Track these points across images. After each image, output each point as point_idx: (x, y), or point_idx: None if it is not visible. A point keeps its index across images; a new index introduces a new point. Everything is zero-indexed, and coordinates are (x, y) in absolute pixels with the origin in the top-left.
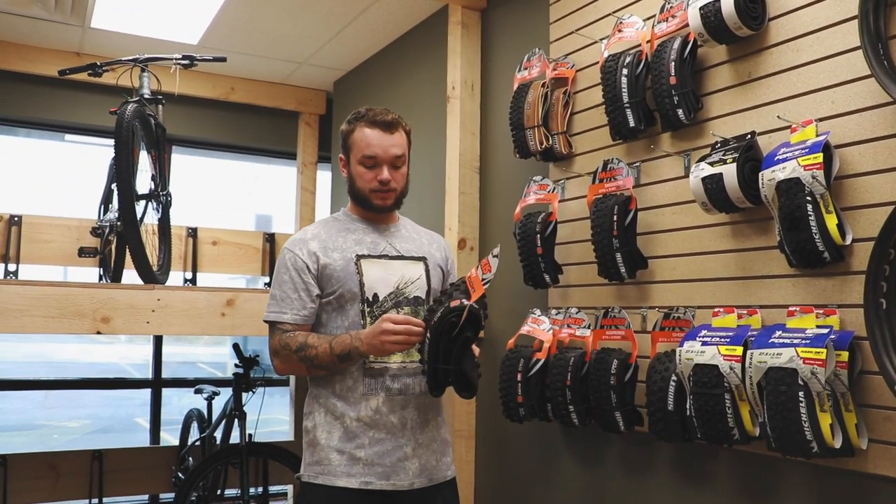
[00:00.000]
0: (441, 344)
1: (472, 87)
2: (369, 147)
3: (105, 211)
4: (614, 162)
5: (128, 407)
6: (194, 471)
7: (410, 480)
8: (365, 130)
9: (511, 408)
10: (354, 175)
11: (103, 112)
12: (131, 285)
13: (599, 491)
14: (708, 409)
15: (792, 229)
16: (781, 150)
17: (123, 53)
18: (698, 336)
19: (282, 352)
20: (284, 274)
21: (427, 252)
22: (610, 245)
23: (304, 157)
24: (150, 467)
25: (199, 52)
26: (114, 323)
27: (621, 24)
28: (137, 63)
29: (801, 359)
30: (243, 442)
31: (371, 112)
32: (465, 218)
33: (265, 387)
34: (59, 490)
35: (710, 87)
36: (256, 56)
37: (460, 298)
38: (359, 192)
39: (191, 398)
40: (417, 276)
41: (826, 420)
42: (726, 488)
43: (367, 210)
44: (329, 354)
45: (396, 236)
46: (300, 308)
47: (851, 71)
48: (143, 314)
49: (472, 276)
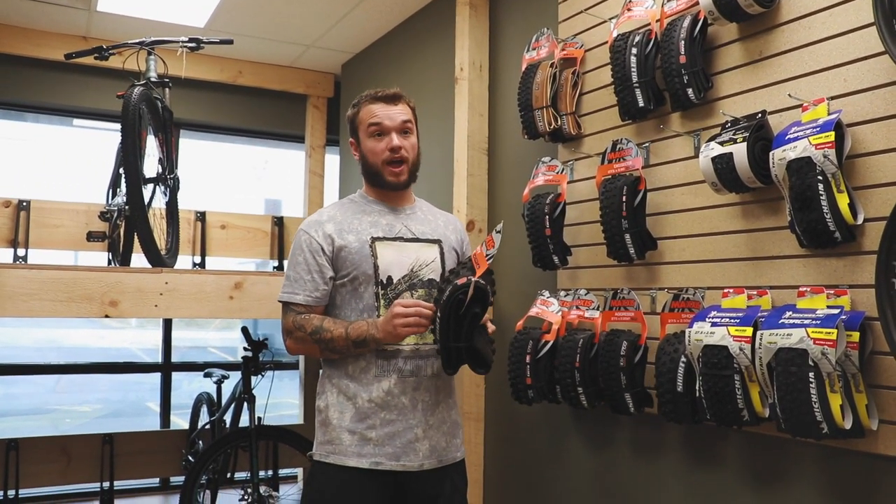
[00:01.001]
0: (451, 322)
1: (480, 69)
2: (374, 116)
3: (113, 195)
4: (623, 142)
5: (139, 391)
6: (204, 454)
7: (420, 462)
8: (369, 106)
9: (520, 390)
10: (365, 151)
11: (111, 96)
12: (139, 269)
13: (608, 473)
14: (717, 390)
15: (803, 209)
16: (792, 129)
17: (130, 37)
18: (708, 317)
19: (296, 332)
20: (299, 255)
21: (442, 234)
22: (619, 226)
23: (313, 141)
24: (161, 450)
25: (206, 35)
26: (122, 306)
27: (630, 3)
28: (144, 46)
29: (812, 339)
30: (252, 425)
31: (372, 91)
32: (473, 200)
33: (274, 370)
34: (70, 473)
35: (721, 65)
36: (264, 39)
37: (466, 276)
38: (371, 167)
39: (201, 382)
40: (432, 259)
41: (836, 401)
42: (735, 470)
43: (382, 188)
44: (345, 339)
45: (412, 218)
46: (313, 290)
47: (865, 48)
48: (152, 297)
49: (478, 252)
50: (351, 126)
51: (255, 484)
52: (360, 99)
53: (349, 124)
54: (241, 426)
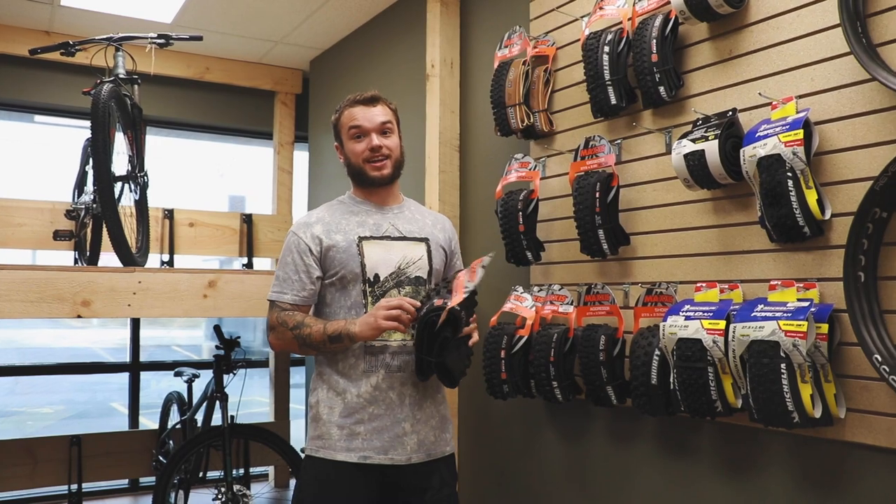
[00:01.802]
0: (424, 336)
1: (452, 66)
2: (354, 119)
3: (79, 193)
4: (596, 139)
5: (103, 392)
6: (176, 453)
7: (408, 455)
8: (349, 110)
9: (495, 385)
10: (348, 153)
11: (74, 92)
12: (112, 268)
13: (583, 465)
14: (691, 382)
15: (773, 205)
16: (762, 126)
17: (94, 32)
18: (681, 311)
19: (278, 328)
20: (288, 256)
21: (430, 233)
22: (592, 222)
23: (281, 137)
24: (130, 451)
25: (174, 31)
26: (94, 306)
27: (602, 1)
28: (112, 42)
29: (783, 331)
30: (225, 424)
31: (352, 96)
32: (445, 196)
33: (246, 368)
34: (37, 476)
35: (692, 64)
36: (232, 35)
37: (444, 298)
38: (354, 167)
39: (169, 381)
40: (419, 257)
41: (807, 391)
42: (709, 459)
43: (367, 186)
44: (321, 334)
45: (399, 217)
46: (300, 289)
47: (831, 48)
48: (125, 297)
49: (460, 279)
50: (335, 131)
51: (228, 483)
52: (342, 104)
53: (333, 129)
54: (213, 425)
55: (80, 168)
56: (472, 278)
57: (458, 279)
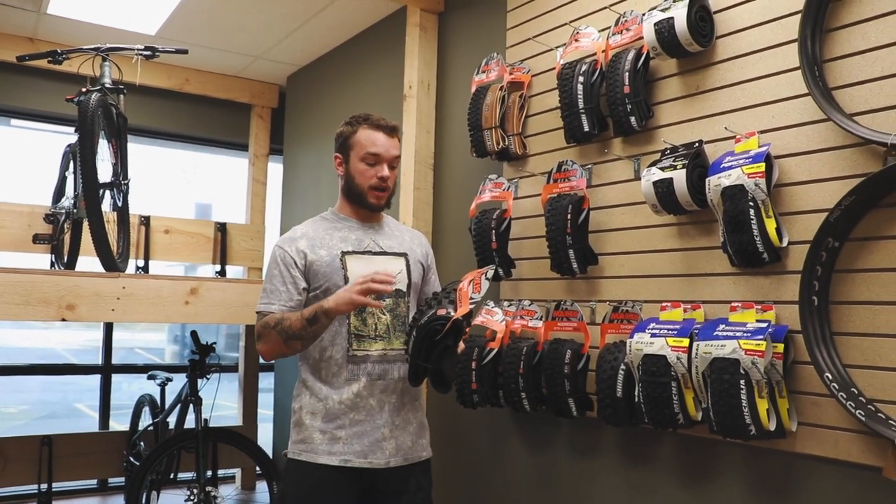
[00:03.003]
0: (424, 344)
1: (429, 87)
2: (374, 146)
3: (58, 198)
4: (568, 163)
5: (66, 392)
6: (150, 455)
7: (387, 459)
8: (370, 132)
9: (465, 394)
10: (354, 172)
11: (52, 98)
12: (96, 273)
13: (549, 472)
14: (655, 395)
15: (735, 231)
16: (726, 158)
17: (78, 41)
18: (647, 328)
19: (263, 332)
20: (274, 269)
21: (408, 248)
22: (563, 242)
23: (256, 149)
24: (101, 452)
25: (157, 43)
26: (79, 310)
27: (578, 34)
28: (99, 52)
29: (743, 350)
30: (199, 426)
31: (372, 117)
32: (419, 213)
33: (220, 373)
34: (7, 476)
35: (661, 97)
36: (212, 48)
37: (447, 308)
38: (356, 188)
39: (140, 384)
40: (399, 271)
41: (763, 406)
42: (669, 469)
43: (361, 207)
44: (300, 320)
45: (380, 234)
46: (287, 299)
47: (791, 89)
48: (109, 302)
49: (463, 290)
50: (343, 142)
51: (201, 484)
52: (360, 119)
53: (341, 138)
54: (186, 428)
55: (60, 173)
56: (477, 290)
57: (460, 290)
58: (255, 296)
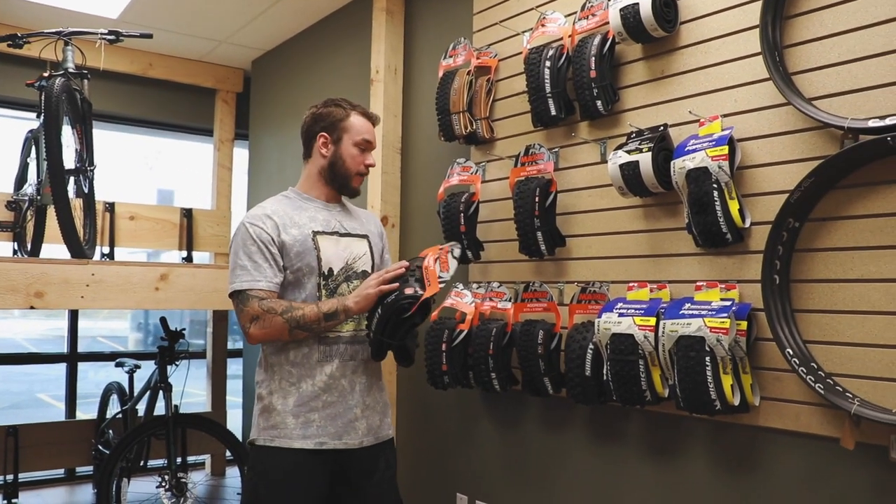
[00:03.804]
0: (389, 322)
1: (396, 72)
2: (368, 133)
3: (20, 185)
4: (536, 147)
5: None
6: (121, 442)
7: (360, 439)
8: (363, 119)
9: (436, 376)
10: (346, 156)
11: (11, 83)
12: (65, 260)
13: (519, 451)
14: (623, 373)
15: (700, 213)
16: (691, 141)
17: (38, 24)
18: (615, 308)
19: (265, 316)
20: (252, 245)
21: (368, 230)
22: (532, 224)
23: (221, 135)
24: (68, 441)
25: (119, 27)
26: (48, 297)
27: (544, 19)
28: (62, 36)
29: (708, 328)
30: (169, 413)
31: (359, 105)
32: (387, 196)
33: (189, 359)
34: None
35: (626, 81)
36: (176, 33)
37: (415, 287)
38: (345, 171)
39: (107, 372)
40: (363, 253)
41: (728, 381)
42: (637, 444)
43: (341, 191)
44: (316, 314)
45: (343, 215)
46: (272, 276)
47: (752, 74)
48: (78, 289)
49: (430, 269)
50: (332, 123)
51: (172, 471)
52: (348, 104)
53: (330, 118)
54: (157, 414)
55: (22, 160)
56: (445, 269)
57: (426, 269)
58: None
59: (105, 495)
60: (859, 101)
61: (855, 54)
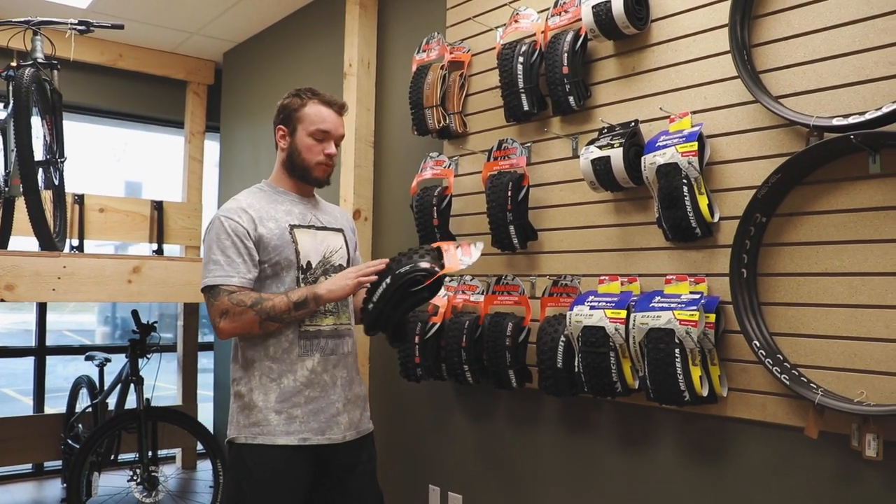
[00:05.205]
0: (398, 293)
1: (369, 66)
2: (324, 122)
3: None
4: (508, 142)
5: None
6: (92, 436)
7: (343, 434)
8: (320, 107)
9: (409, 368)
10: (301, 147)
11: None
12: (36, 253)
13: (491, 442)
14: (595, 365)
15: (669, 208)
16: (661, 137)
17: (5, 13)
18: (586, 301)
19: (234, 309)
20: (226, 240)
21: (342, 224)
22: (504, 218)
23: (192, 127)
24: (37, 435)
25: (89, 17)
26: (18, 290)
27: (517, 15)
28: (31, 26)
29: (678, 320)
30: (141, 406)
31: (321, 92)
32: (359, 189)
33: (160, 353)
34: None
35: (598, 77)
36: (147, 24)
37: (433, 263)
38: (303, 162)
39: (76, 366)
40: (339, 246)
41: (697, 373)
42: (608, 435)
43: (304, 182)
44: (286, 303)
45: (318, 209)
46: (246, 272)
47: (721, 71)
48: (50, 281)
49: (451, 252)
50: (287, 115)
51: (144, 464)
52: (309, 94)
53: (286, 110)
54: (128, 408)
55: None
56: (467, 254)
57: (446, 250)
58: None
59: (75, 490)
60: (824, 100)
61: (820, 54)
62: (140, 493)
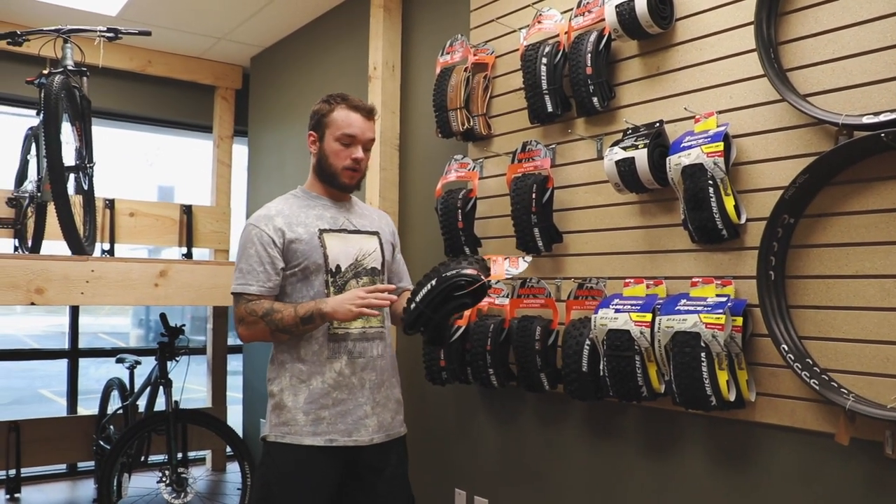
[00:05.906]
0: (441, 295)
1: (393, 69)
2: (350, 126)
3: (20, 182)
4: (533, 143)
5: (30, 379)
6: (122, 438)
7: (370, 436)
8: (348, 112)
9: (434, 372)
10: (328, 152)
11: (11, 80)
12: (65, 257)
13: (517, 446)
14: (620, 369)
15: (695, 209)
16: (686, 138)
17: (38, 22)
18: (611, 304)
19: (248, 318)
20: (251, 248)
21: (379, 227)
22: (528, 221)
23: (220, 131)
24: (69, 437)
25: (118, 25)
26: (48, 294)
27: (540, 16)
28: (61, 34)
29: (704, 324)
30: (170, 409)
31: (350, 97)
32: (385, 192)
33: (189, 355)
34: None
35: (622, 77)
36: (175, 30)
37: (478, 270)
38: (330, 167)
39: (108, 368)
40: (373, 249)
41: (723, 377)
42: (634, 440)
43: (332, 187)
44: (293, 317)
45: (352, 212)
46: (265, 280)
47: (747, 70)
48: (78, 285)
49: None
50: (317, 120)
51: (173, 465)
52: (337, 99)
53: (316, 116)
54: (157, 410)
55: (22, 157)
56: (514, 265)
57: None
58: (224, 278)
59: (106, 490)
60: (854, 98)
61: (849, 50)
62: (169, 494)
